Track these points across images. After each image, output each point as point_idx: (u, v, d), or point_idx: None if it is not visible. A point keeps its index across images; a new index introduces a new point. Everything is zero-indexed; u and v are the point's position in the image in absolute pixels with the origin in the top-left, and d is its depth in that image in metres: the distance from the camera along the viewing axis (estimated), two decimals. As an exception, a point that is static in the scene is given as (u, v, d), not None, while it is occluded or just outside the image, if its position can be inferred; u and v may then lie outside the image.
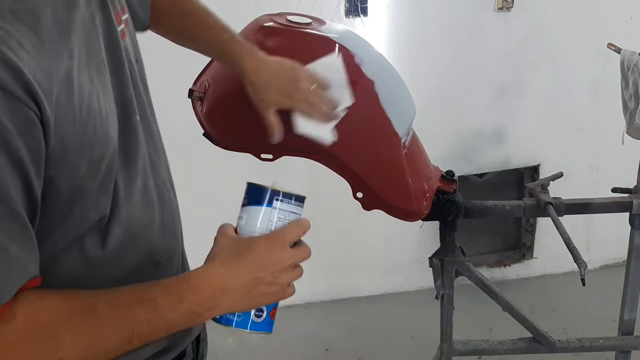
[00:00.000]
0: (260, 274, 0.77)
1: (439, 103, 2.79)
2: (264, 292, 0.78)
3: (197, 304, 0.74)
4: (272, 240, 0.79)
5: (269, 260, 0.77)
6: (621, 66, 1.97)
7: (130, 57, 0.83)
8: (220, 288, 0.76)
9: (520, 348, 1.68)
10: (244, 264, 0.77)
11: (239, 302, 0.78)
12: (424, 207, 1.38)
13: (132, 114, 0.80)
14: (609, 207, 1.63)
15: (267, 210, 0.81)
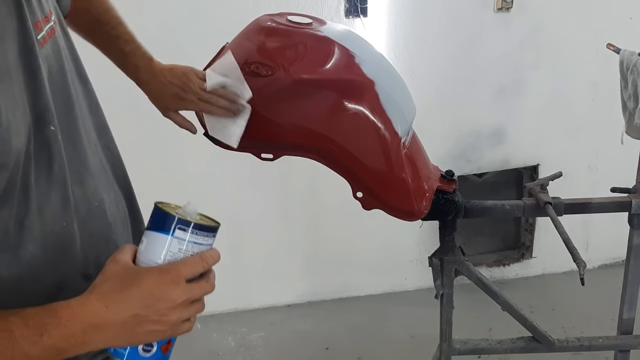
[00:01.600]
0: (143, 311, 0.70)
1: (439, 103, 2.80)
2: (147, 330, 0.71)
3: (62, 339, 0.68)
4: (164, 275, 0.71)
5: (157, 297, 0.70)
6: (620, 66, 1.98)
7: (51, 64, 0.79)
8: (93, 324, 0.69)
9: (519, 347, 1.69)
10: (125, 298, 0.70)
11: (117, 340, 0.71)
12: (424, 206, 1.38)
13: (46, 124, 0.75)
14: (608, 206, 1.63)
15: (169, 240, 0.73)
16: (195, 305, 0.74)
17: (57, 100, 0.78)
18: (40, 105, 0.74)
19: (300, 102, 1.25)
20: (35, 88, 0.74)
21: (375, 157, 1.30)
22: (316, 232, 2.89)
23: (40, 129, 0.74)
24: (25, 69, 0.73)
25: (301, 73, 1.24)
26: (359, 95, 1.26)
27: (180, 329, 0.74)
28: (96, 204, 0.85)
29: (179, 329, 0.74)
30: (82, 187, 0.82)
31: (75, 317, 0.68)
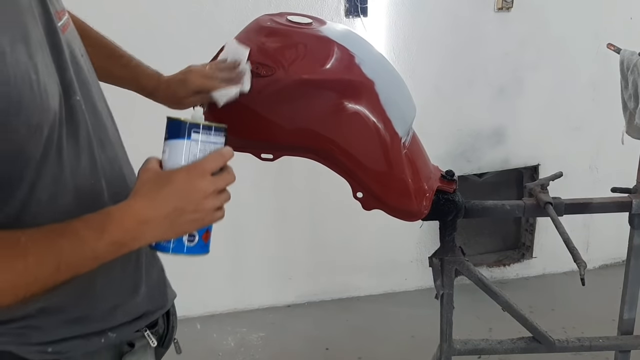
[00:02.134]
0: (181, 203, 0.80)
1: (439, 103, 2.80)
2: (188, 219, 0.82)
3: (119, 234, 0.78)
4: (191, 171, 0.82)
5: (189, 190, 0.81)
6: (621, 66, 1.97)
7: (73, 48, 0.88)
8: (142, 220, 0.79)
9: (519, 347, 1.69)
10: (164, 195, 0.80)
11: (165, 232, 0.82)
12: (424, 207, 1.38)
13: (73, 94, 0.84)
14: (608, 206, 1.63)
15: (187, 143, 0.83)
16: (223, 194, 0.85)
17: (78, 77, 0.87)
18: (66, 78, 0.83)
19: (300, 102, 1.25)
20: (60, 63, 0.83)
21: (375, 157, 1.30)
22: (316, 232, 2.89)
23: (68, 98, 0.83)
24: (51, 46, 0.81)
25: (301, 73, 1.24)
26: (359, 95, 1.26)
27: (214, 216, 0.85)
28: (117, 168, 0.94)
29: (214, 216, 0.84)
30: (104, 153, 0.91)
31: (126, 215, 0.79)
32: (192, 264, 2.35)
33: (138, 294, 0.97)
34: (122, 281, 0.94)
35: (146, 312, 0.99)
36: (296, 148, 1.30)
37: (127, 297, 0.95)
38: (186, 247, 0.86)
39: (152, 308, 1.00)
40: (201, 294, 2.82)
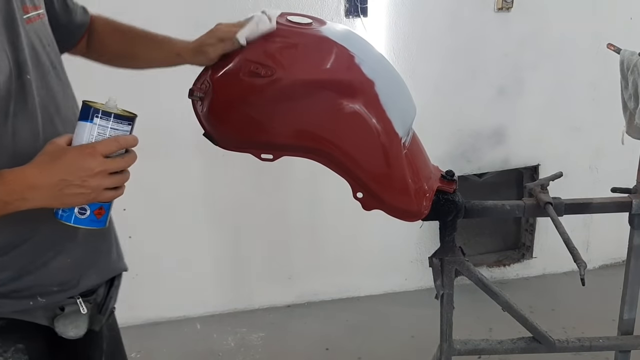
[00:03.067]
0: (68, 177, 0.90)
1: (439, 103, 2.80)
2: (73, 192, 0.91)
3: (6, 194, 0.89)
4: (83, 150, 0.91)
5: (77, 166, 0.90)
6: (621, 66, 1.97)
7: (35, 37, 1.02)
8: (30, 184, 0.90)
9: (520, 348, 1.68)
10: (54, 166, 0.90)
11: (50, 199, 0.91)
12: (424, 207, 1.38)
13: (24, 73, 0.98)
14: (608, 207, 1.63)
15: (89, 126, 0.93)
16: (115, 176, 0.93)
17: (33, 60, 1.00)
18: (20, 59, 0.97)
19: (300, 102, 1.25)
20: (16, 46, 0.96)
21: (375, 158, 1.30)
22: (316, 233, 2.89)
23: (19, 76, 0.96)
24: (8, 31, 0.95)
25: (301, 73, 1.24)
26: (359, 95, 1.26)
27: (102, 195, 0.93)
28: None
29: (101, 195, 0.93)
30: (52, 127, 1.02)
31: (16, 179, 0.90)
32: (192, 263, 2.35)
33: (72, 266, 1.07)
34: (54, 252, 1.04)
35: (79, 282, 1.09)
36: (296, 148, 1.30)
37: (60, 268, 1.05)
38: (75, 218, 0.95)
39: (86, 279, 1.10)
40: (201, 294, 2.83)
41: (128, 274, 2.84)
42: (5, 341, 1.02)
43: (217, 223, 2.76)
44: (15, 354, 1.03)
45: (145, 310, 2.77)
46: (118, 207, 2.54)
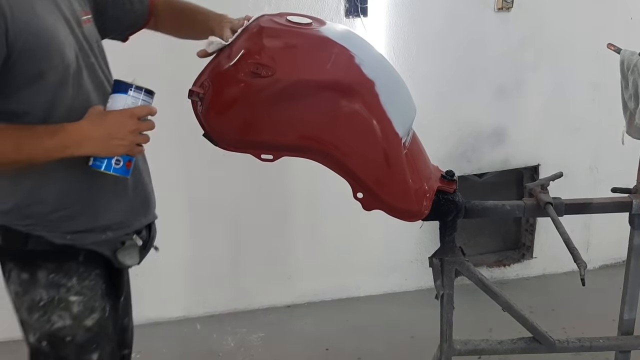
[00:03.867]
0: (113, 130, 1.18)
1: (439, 103, 2.80)
2: (116, 144, 1.19)
3: (66, 140, 1.18)
4: (124, 112, 1.20)
5: (121, 123, 1.19)
6: (621, 66, 1.97)
7: (88, 35, 1.32)
8: (85, 135, 1.18)
9: (520, 348, 1.69)
10: (103, 123, 1.19)
11: (98, 149, 1.19)
12: (424, 207, 1.38)
13: (87, 56, 1.29)
14: (608, 207, 1.63)
15: (124, 97, 1.21)
16: (144, 136, 1.22)
17: (85, 52, 1.30)
18: (81, 47, 1.28)
19: (300, 102, 1.25)
20: (76, 37, 1.27)
21: (376, 158, 1.30)
22: (316, 232, 2.89)
23: (84, 58, 1.28)
24: (72, 26, 1.26)
25: (301, 74, 1.24)
26: (359, 95, 1.26)
27: (135, 149, 1.22)
28: None
29: (134, 149, 1.22)
30: (100, 98, 1.30)
31: (75, 130, 1.19)
32: (192, 263, 2.34)
33: (127, 211, 1.37)
34: (115, 202, 1.34)
35: (133, 223, 1.40)
36: (296, 148, 1.30)
37: (120, 212, 1.35)
38: (113, 167, 1.22)
39: (137, 221, 1.41)
40: (201, 294, 2.82)
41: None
42: (87, 267, 1.33)
43: (217, 223, 2.75)
44: (95, 277, 1.35)
45: (145, 310, 2.77)
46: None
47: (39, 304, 1.29)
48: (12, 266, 1.29)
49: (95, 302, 1.33)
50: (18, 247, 1.27)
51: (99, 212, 1.32)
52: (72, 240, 1.29)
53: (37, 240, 1.26)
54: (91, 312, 1.33)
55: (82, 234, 1.30)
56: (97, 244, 1.32)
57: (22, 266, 1.28)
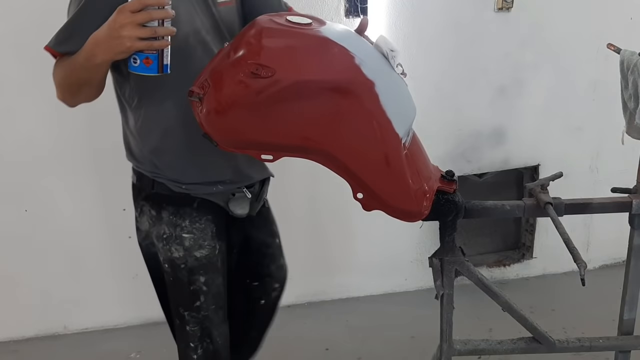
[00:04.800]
0: (108, 31, 1.23)
1: (439, 103, 2.80)
2: (114, 43, 1.23)
3: (85, 51, 1.30)
4: (118, 9, 1.22)
5: (112, 21, 1.22)
6: (621, 66, 1.97)
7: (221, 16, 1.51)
8: (94, 42, 1.27)
9: (520, 348, 1.69)
10: (104, 26, 1.25)
11: (106, 52, 1.26)
12: (424, 207, 1.38)
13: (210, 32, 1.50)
14: (608, 207, 1.63)
15: None
16: (142, 29, 1.21)
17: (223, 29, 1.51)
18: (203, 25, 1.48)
19: (300, 103, 1.25)
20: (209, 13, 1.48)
21: (376, 158, 1.30)
22: (316, 233, 2.89)
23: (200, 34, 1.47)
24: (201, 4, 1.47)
25: (301, 74, 1.24)
26: (359, 96, 1.26)
27: (137, 43, 1.22)
28: None
29: (136, 43, 1.22)
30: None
31: (90, 40, 1.29)
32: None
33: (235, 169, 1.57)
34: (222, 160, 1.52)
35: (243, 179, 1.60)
36: (296, 149, 1.30)
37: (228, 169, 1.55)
38: (132, 66, 1.26)
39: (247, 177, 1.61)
40: (201, 294, 2.83)
41: (128, 274, 2.84)
42: (199, 213, 1.55)
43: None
44: (206, 222, 1.56)
45: (145, 310, 2.77)
46: (118, 207, 2.53)
47: (163, 236, 1.56)
48: (144, 203, 1.58)
49: (205, 241, 1.57)
50: (149, 189, 1.55)
51: (207, 169, 1.53)
52: (187, 190, 1.53)
53: (161, 186, 1.53)
54: (199, 247, 1.56)
55: (195, 185, 1.53)
56: (209, 195, 1.55)
57: (152, 205, 1.57)
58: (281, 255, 1.92)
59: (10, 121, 2.47)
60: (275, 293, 1.92)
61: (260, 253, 1.83)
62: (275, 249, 1.88)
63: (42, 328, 2.73)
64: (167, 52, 1.26)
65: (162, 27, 1.22)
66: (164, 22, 1.23)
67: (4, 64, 2.40)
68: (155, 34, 1.22)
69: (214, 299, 1.61)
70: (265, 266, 1.86)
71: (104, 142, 2.53)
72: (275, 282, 1.91)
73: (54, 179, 2.56)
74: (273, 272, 1.89)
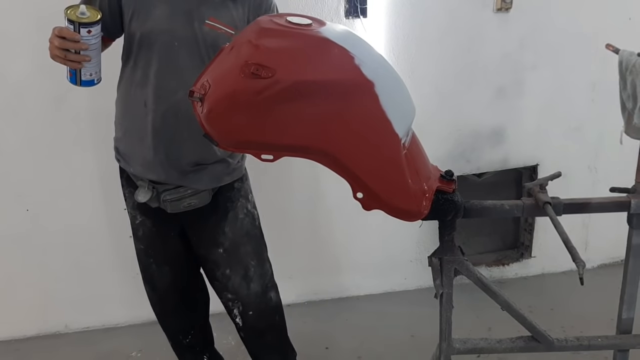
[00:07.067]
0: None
1: (438, 103, 2.80)
2: (51, 52, 1.59)
3: None
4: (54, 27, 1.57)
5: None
6: (619, 67, 1.98)
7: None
8: None
9: (518, 347, 1.69)
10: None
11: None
12: (424, 207, 1.39)
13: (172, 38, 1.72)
14: (607, 206, 1.63)
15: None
16: (60, 51, 1.56)
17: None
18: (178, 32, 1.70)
19: (300, 103, 1.25)
20: (184, 25, 1.70)
21: (375, 158, 1.31)
22: (316, 232, 2.89)
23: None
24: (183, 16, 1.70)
25: (301, 75, 1.24)
26: (359, 96, 1.26)
27: (55, 59, 1.60)
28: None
29: (55, 58, 1.59)
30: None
31: None
32: (193, 263, 2.19)
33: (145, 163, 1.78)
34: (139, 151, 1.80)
35: (148, 174, 1.80)
36: (296, 149, 1.31)
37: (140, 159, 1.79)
38: (68, 77, 1.64)
39: (154, 174, 1.78)
40: (201, 293, 2.83)
41: (129, 273, 2.84)
42: (127, 185, 1.91)
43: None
44: (129, 194, 1.90)
45: (146, 310, 2.78)
46: (119, 206, 2.54)
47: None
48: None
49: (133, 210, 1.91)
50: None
51: (129, 154, 1.79)
52: (120, 163, 1.85)
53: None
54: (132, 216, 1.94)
55: (122, 161, 1.84)
56: (130, 173, 1.82)
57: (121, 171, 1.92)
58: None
59: (11, 120, 2.47)
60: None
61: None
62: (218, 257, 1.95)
63: (43, 327, 2.74)
64: (88, 71, 1.61)
65: (73, 54, 1.56)
66: (80, 51, 1.56)
67: (2, 61, 2.40)
68: (65, 57, 1.56)
69: None
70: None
71: (104, 142, 2.54)
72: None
73: (55, 178, 2.56)
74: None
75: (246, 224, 1.92)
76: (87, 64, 1.59)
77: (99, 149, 2.53)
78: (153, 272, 2.00)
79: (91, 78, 1.63)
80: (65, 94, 2.43)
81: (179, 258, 1.98)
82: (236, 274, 1.92)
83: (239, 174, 1.91)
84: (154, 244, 1.94)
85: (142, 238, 1.94)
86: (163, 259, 1.97)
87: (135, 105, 1.74)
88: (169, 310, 2.09)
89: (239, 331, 2.06)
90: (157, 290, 2.04)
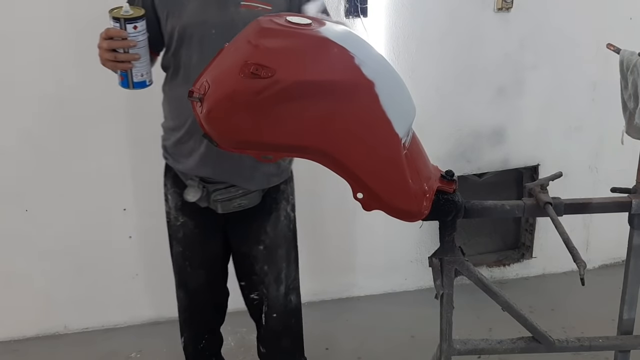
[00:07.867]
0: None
1: (439, 103, 2.80)
2: (101, 58, 1.58)
3: None
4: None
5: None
6: (620, 66, 1.97)
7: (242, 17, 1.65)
8: None
9: (519, 347, 1.69)
10: None
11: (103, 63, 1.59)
12: (424, 207, 1.38)
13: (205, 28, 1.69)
14: (608, 207, 1.63)
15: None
16: (110, 54, 1.54)
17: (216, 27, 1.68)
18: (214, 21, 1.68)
19: (300, 103, 1.25)
20: (219, 12, 1.67)
21: (376, 159, 1.30)
22: (316, 232, 2.89)
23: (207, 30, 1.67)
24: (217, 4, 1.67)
25: (301, 75, 1.24)
26: (359, 96, 1.26)
27: (105, 64, 1.58)
28: None
29: (104, 63, 1.58)
30: None
31: None
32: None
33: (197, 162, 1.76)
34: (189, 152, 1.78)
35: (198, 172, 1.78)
36: (296, 149, 1.31)
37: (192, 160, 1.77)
38: (119, 81, 1.60)
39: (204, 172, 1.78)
40: (201, 294, 2.83)
41: (129, 274, 2.84)
42: (172, 184, 1.89)
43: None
44: (174, 194, 1.88)
45: (145, 310, 2.78)
46: (119, 206, 2.54)
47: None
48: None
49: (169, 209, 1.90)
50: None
51: (179, 151, 1.78)
52: (168, 160, 1.84)
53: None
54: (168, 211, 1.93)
55: (171, 159, 1.83)
56: (179, 172, 1.80)
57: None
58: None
59: (11, 120, 2.47)
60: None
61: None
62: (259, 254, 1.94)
63: (42, 328, 2.74)
64: (139, 72, 1.57)
65: (123, 54, 1.53)
66: (129, 49, 1.53)
67: (2, 61, 2.40)
68: (115, 59, 1.53)
69: None
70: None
71: (105, 142, 2.54)
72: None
73: (54, 178, 2.56)
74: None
75: (284, 226, 1.90)
76: (137, 64, 1.56)
77: (99, 148, 2.53)
78: (187, 275, 1.98)
79: (143, 79, 1.60)
80: (66, 94, 2.43)
81: (215, 262, 1.98)
82: (272, 273, 1.92)
83: (286, 175, 1.88)
84: (192, 246, 1.92)
85: (182, 240, 1.92)
86: (199, 263, 1.96)
87: (182, 102, 1.63)
88: (197, 314, 2.08)
89: (258, 329, 2.06)
90: (189, 294, 2.02)
